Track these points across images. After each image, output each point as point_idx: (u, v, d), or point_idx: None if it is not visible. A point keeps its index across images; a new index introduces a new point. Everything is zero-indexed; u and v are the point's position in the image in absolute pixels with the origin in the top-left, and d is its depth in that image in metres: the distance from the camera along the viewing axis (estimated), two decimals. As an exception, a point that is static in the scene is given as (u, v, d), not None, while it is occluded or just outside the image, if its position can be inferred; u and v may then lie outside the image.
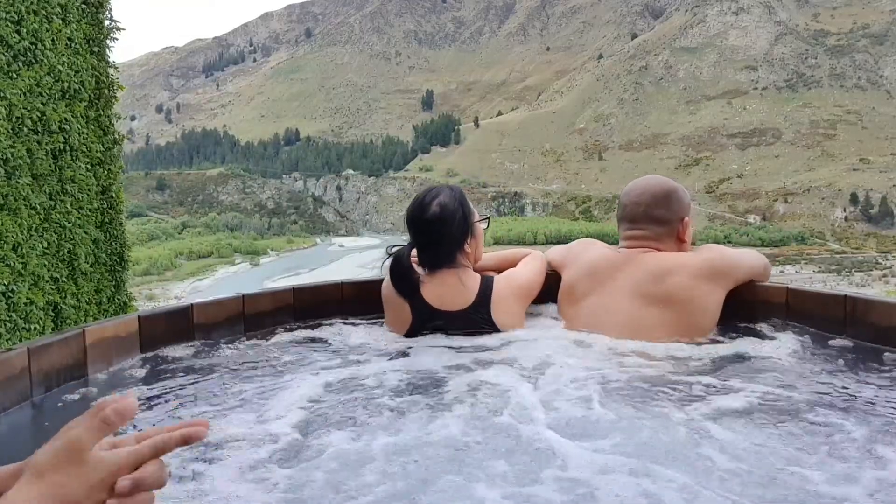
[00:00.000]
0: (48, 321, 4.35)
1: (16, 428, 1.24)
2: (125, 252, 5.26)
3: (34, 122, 4.20)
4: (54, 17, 4.40)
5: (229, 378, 1.54)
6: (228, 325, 1.89)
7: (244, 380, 1.51)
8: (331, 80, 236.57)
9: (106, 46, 5.06)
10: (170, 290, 74.89)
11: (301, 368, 1.60)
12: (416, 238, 1.95)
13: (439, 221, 1.92)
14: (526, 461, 1.05)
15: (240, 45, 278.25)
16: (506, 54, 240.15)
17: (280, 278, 74.48)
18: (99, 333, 1.59)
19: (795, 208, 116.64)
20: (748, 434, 1.15)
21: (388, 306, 1.98)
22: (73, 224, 4.58)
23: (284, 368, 1.60)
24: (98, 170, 4.92)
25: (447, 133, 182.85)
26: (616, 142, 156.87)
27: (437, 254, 1.93)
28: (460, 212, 1.95)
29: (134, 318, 1.71)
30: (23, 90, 4.09)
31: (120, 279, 5.20)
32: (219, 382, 1.50)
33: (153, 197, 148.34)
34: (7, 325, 3.95)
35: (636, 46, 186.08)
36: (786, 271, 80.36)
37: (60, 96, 4.48)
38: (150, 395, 1.43)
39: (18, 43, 4.06)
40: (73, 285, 4.61)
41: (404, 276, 1.89)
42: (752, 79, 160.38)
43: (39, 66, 4.25)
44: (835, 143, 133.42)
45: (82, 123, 4.70)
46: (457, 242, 1.95)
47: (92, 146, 4.82)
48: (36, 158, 4.20)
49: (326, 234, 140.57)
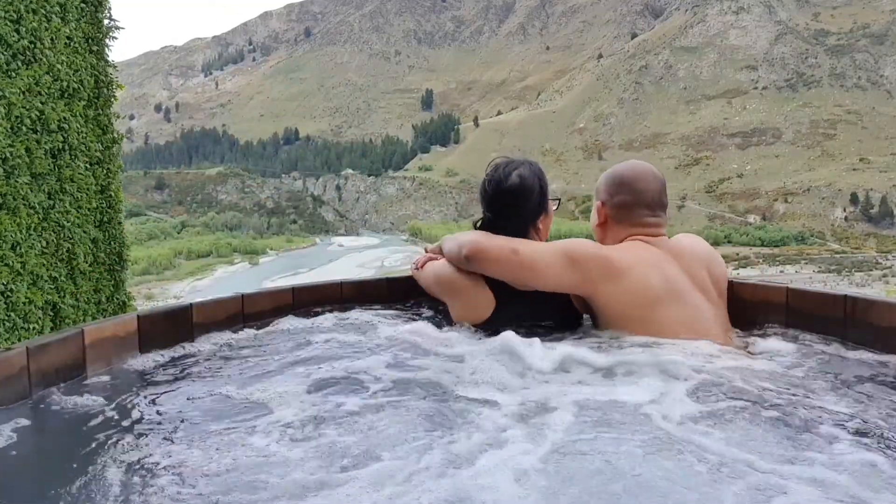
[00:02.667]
0: (47, 320, 4.34)
1: (14, 427, 1.25)
2: (124, 251, 5.24)
3: (33, 122, 4.18)
4: (53, 16, 4.39)
5: (229, 378, 1.53)
6: (228, 324, 1.88)
7: (244, 379, 1.50)
8: (330, 80, 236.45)
9: (105, 45, 5.05)
10: (169, 289, 74.82)
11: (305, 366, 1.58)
12: (492, 207, 1.86)
13: (519, 192, 1.84)
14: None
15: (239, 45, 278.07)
16: (505, 54, 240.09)
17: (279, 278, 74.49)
18: (98, 333, 1.59)
19: (795, 208, 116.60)
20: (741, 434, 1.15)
21: (460, 293, 1.84)
22: (72, 223, 4.57)
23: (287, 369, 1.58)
24: (97, 169, 4.90)
25: (447, 132, 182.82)
26: (616, 141, 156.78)
27: (509, 226, 1.84)
28: (538, 186, 1.88)
29: (133, 317, 1.70)
30: (22, 89, 4.07)
31: (119, 279, 5.19)
32: (219, 382, 1.50)
33: (152, 196, 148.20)
34: (6, 324, 3.94)
35: (636, 46, 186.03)
36: (786, 271, 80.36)
37: (59, 95, 4.47)
38: (148, 396, 1.43)
39: (17, 42, 4.05)
40: (72, 285, 4.60)
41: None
42: (752, 78, 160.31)
43: (38, 65, 4.23)
44: (835, 143, 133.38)
45: (81, 122, 4.69)
46: (531, 216, 1.87)
47: (91, 145, 4.81)
48: (35, 157, 4.19)
49: (326, 234, 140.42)
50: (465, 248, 1.80)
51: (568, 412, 1.22)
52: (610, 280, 1.73)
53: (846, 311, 1.70)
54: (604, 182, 1.94)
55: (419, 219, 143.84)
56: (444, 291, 1.90)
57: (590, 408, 1.25)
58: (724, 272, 1.91)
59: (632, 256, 1.76)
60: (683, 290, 1.73)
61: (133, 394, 1.44)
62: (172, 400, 1.41)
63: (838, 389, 1.37)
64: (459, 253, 1.81)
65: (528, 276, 1.76)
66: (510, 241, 1.79)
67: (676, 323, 1.68)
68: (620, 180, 1.89)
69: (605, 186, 1.93)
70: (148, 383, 1.52)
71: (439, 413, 1.27)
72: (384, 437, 1.17)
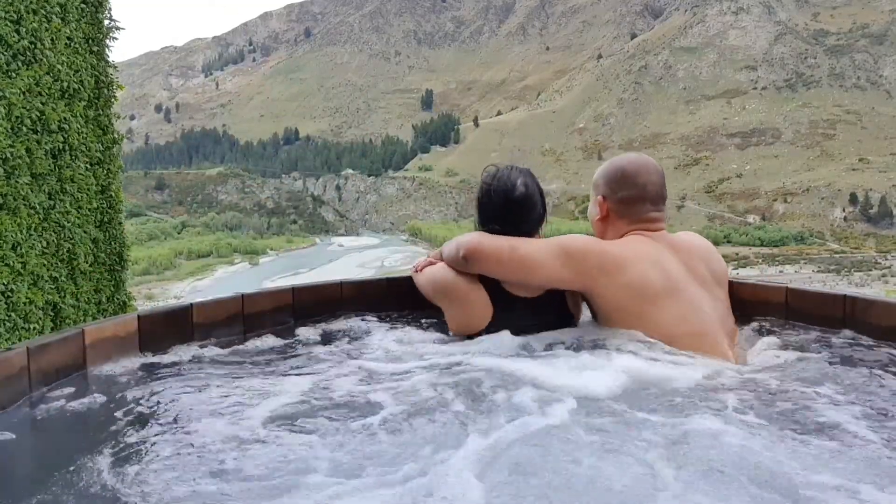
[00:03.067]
0: (47, 321, 4.34)
1: (15, 427, 1.25)
2: (124, 252, 5.25)
3: (33, 122, 4.19)
4: (53, 17, 4.39)
5: (229, 379, 1.52)
6: (228, 324, 1.88)
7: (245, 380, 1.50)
8: (330, 80, 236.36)
9: (105, 46, 5.05)
10: (169, 289, 74.81)
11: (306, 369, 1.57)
12: (501, 215, 1.83)
13: (524, 201, 1.83)
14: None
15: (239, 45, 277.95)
16: (505, 54, 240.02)
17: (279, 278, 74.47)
18: (98, 333, 1.59)
19: (795, 208, 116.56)
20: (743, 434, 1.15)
21: (456, 298, 1.82)
22: (73, 224, 4.57)
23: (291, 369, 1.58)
24: (97, 169, 4.91)
25: (447, 133, 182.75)
26: (616, 141, 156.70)
27: (510, 233, 1.82)
28: (539, 195, 1.88)
29: (133, 317, 1.70)
30: (22, 89, 4.08)
31: (119, 279, 5.20)
32: (219, 383, 1.49)
33: (152, 196, 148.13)
34: (6, 324, 3.95)
35: (636, 46, 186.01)
36: (785, 271, 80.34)
37: (60, 96, 4.47)
38: (149, 396, 1.42)
39: (18, 42, 4.06)
40: (73, 285, 4.60)
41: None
42: (751, 78, 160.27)
43: (39, 66, 4.24)
44: (834, 143, 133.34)
45: (81, 123, 4.69)
46: (536, 225, 1.87)
47: (91, 146, 4.81)
48: (35, 158, 4.19)
49: (326, 234, 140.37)
50: (462, 248, 1.78)
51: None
52: (608, 275, 1.72)
53: (845, 311, 1.70)
54: (604, 176, 1.90)
55: (419, 219, 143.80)
56: (440, 296, 1.88)
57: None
58: (723, 267, 1.90)
59: (630, 251, 1.75)
60: (681, 285, 1.71)
61: (133, 394, 1.43)
62: (173, 400, 1.40)
63: (838, 389, 1.37)
64: (458, 254, 1.79)
65: (527, 272, 1.74)
66: (507, 240, 1.78)
67: (674, 318, 1.67)
68: (622, 174, 1.85)
69: (605, 181, 1.89)
70: (148, 383, 1.51)
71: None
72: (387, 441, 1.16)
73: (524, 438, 1.11)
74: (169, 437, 1.22)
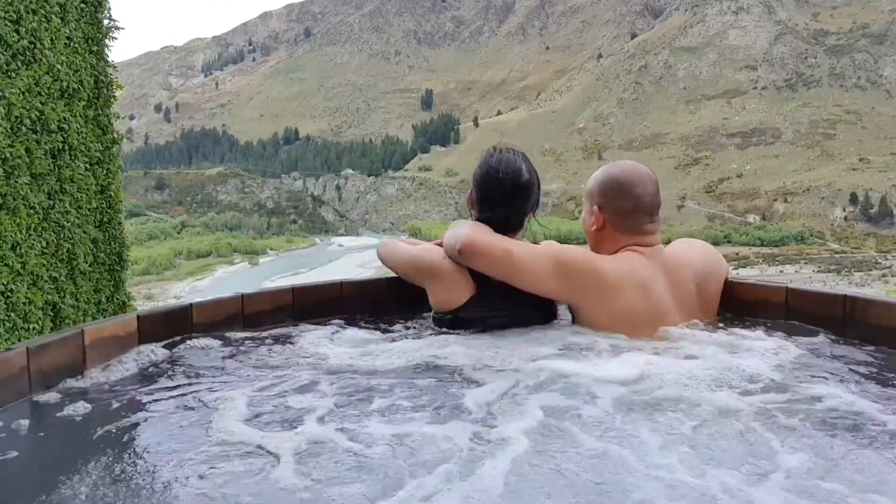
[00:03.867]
0: (47, 321, 4.34)
1: (14, 427, 1.25)
2: (124, 252, 5.24)
3: (33, 122, 4.18)
4: (53, 17, 4.39)
5: (230, 379, 1.53)
6: (227, 324, 1.88)
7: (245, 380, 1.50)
8: (330, 80, 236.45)
9: (105, 45, 5.05)
10: (169, 289, 74.79)
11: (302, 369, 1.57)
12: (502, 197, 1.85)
13: (528, 186, 1.85)
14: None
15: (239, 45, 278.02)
16: (505, 54, 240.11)
17: (279, 278, 74.46)
18: (98, 333, 1.58)
19: (795, 208, 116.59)
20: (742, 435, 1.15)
21: (441, 280, 1.85)
22: (72, 223, 4.57)
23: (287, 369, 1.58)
24: (97, 169, 4.90)
25: (447, 132, 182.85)
26: (616, 141, 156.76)
27: (512, 218, 1.87)
28: (537, 178, 1.91)
29: (133, 317, 1.70)
30: (21, 89, 4.07)
31: (119, 279, 5.19)
32: (219, 383, 1.50)
33: (152, 196, 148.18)
34: (6, 324, 3.94)
35: (636, 46, 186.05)
36: (785, 271, 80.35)
37: (59, 96, 4.47)
38: (149, 396, 1.43)
39: (17, 42, 4.05)
40: (72, 285, 4.60)
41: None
42: (751, 78, 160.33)
43: (38, 66, 4.23)
44: (834, 142, 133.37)
45: (81, 123, 4.69)
46: (531, 209, 1.91)
47: (91, 145, 4.81)
48: (35, 158, 4.19)
49: (326, 234, 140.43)
50: (459, 242, 1.79)
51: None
52: (599, 297, 1.73)
53: (845, 311, 1.70)
54: (599, 186, 1.88)
55: (419, 219, 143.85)
56: (425, 276, 1.92)
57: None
58: (717, 286, 1.92)
59: (625, 270, 1.75)
60: (668, 318, 1.74)
61: (133, 394, 1.44)
62: (173, 400, 1.40)
63: (838, 389, 1.37)
64: (454, 247, 1.81)
65: (518, 278, 1.76)
66: (504, 241, 1.79)
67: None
68: (618, 185, 1.84)
69: (600, 190, 1.87)
70: (148, 383, 1.51)
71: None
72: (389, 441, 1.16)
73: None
74: (169, 437, 1.22)
